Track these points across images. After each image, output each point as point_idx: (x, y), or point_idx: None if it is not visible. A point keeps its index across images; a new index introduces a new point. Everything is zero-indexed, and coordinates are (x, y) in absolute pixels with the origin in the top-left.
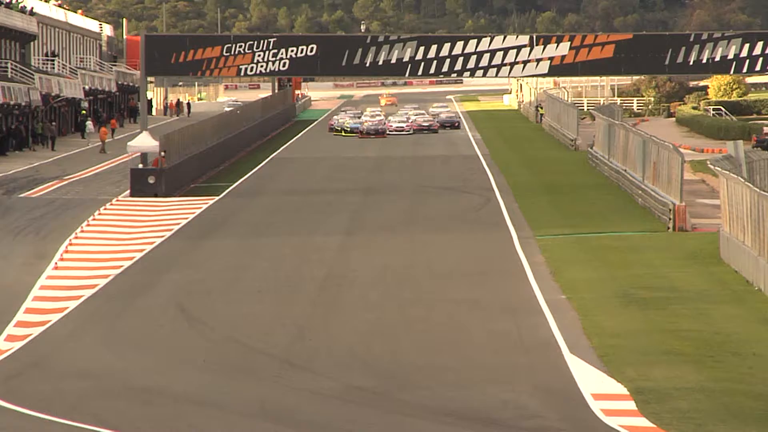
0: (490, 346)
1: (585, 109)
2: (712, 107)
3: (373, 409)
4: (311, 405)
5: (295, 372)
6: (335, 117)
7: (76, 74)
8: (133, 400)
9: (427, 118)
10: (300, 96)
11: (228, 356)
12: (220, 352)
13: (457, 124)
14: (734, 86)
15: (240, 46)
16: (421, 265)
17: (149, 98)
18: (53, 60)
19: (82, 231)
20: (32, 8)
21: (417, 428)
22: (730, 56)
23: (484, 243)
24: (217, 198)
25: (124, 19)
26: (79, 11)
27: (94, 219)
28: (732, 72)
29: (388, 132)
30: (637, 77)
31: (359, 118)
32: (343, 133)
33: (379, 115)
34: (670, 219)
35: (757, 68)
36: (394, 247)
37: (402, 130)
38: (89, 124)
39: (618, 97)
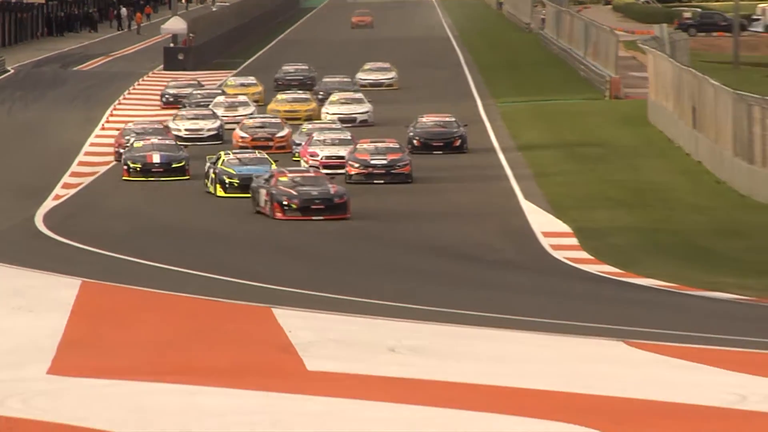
0: (461, 192)
1: None
2: None
3: (370, 245)
4: (320, 242)
5: None
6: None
7: None
8: (167, 237)
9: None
10: None
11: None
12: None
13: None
14: None
15: None
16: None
17: None
18: None
19: (124, 98)
20: None
21: (406, 261)
22: None
23: (453, 109)
24: (234, 71)
25: None
26: None
27: (134, 89)
28: None
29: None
30: None
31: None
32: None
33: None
34: (607, 89)
35: None
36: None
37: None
38: (124, 10)
39: None
